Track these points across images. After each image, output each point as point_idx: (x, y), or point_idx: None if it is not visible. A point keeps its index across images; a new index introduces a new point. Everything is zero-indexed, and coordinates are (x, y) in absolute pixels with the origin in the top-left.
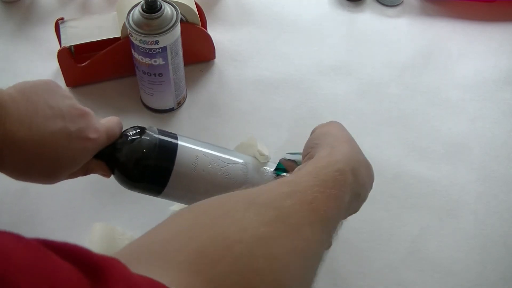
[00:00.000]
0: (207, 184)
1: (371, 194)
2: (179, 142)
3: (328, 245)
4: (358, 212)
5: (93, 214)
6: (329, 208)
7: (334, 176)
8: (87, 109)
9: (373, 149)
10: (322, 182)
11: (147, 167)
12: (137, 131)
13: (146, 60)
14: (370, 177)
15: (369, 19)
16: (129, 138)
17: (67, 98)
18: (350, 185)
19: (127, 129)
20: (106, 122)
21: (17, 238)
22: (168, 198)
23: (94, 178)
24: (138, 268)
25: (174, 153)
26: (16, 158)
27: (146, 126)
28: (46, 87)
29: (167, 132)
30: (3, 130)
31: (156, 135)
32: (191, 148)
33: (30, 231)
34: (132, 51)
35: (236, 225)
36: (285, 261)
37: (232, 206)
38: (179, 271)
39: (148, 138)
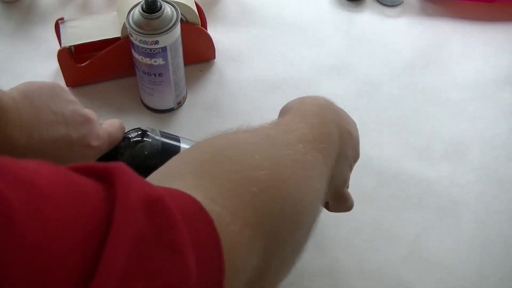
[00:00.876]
0: None
1: (371, 194)
2: (182, 145)
3: (330, 163)
4: (358, 212)
5: None
6: (315, 133)
7: (310, 110)
8: (91, 115)
9: (373, 149)
10: (300, 116)
11: (149, 171)
12: (139, 133)
13: (146, 60)
14: (348, 116)
15: (369, 19)
16: (131, 140)
17: (71, 103)
18: (329, 117)
19: (129, 131)
20: (108, 126)
21: (46, 164)
22: None
23: None
24: None
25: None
26: None
27: (148, 129)
28: (51, 91)
29: (169, 134)
30: (3, 136)
31: (158, 138)
32: None
33: None
34: (132, 51)
35: (227, 140)
36: (281, 162)
37: (222, 134)
38: (184, 179)
39: (150, 141)
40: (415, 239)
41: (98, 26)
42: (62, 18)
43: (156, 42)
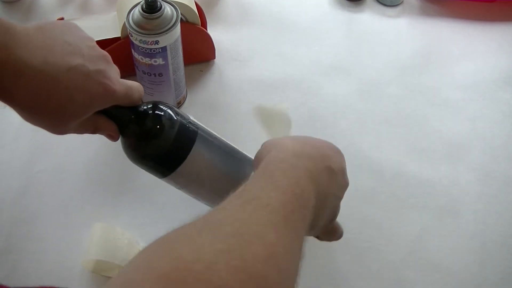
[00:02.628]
0: (216, 179)
1: (371, 194)
2: (199, 132)
3: (305, 234)
4: (358, 212)
5: (93, 214)
6: (287, 202)
7: (278, 167)
8: (109, 55)
9: (373, 149)
10: (269, 179)
11: (163, 148)
12: (164, 107)
13: (146, 60)
14: (326, 146)
15: (369, 19)
16: (153, 112)
17: (88, 39)
18: (300, 168)
19: (151, 102)
20: (128, 81)
21: None
22: (172, 182)
23: (94, 178)
24: None
25: (193, 141)
26: (29, 90)
27: (174, 107)
28: (66, 26)
29: (189, 117)
30: (14, 56)
31: (179, 118)
32: (209, 141)
33: (30, 231)
34: (132, 51)
35: (191, 247)
36: (252, 270)
37: (186, 232)
38: None
39: (173, 119)
40: (415, 239)
41: (98, 26)
42: (62, 18)
43: (156, 42)
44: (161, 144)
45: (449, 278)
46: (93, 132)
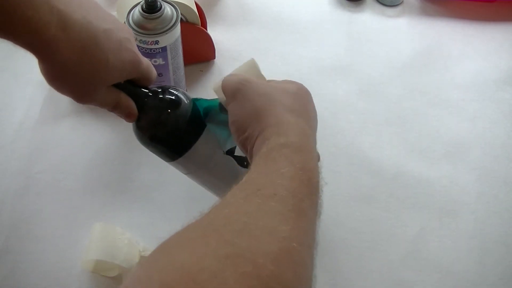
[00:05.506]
0: (224, 164)
1: (371, 194)
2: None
3: (318, 215)
4: (358, 212)
5: (93, 214)
6: (296, 189)
7: (282, 154)
8: (130, 29)
9: (373, 149)
10: (273, 166)
11: (177, 128)
12: (177, 91)
13: None
14: (308, 99)
15: (369, 19)
16: (168, 93)
17: (111, 14)
18: (305, 149)
19: (162, 86)
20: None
21: None
22: (181, 167)
23: (94, 178)
24: None
25: (205, 124)
26: (74, 44)
27: (185, 92)
28: (91, 1)
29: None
30: (57, 10)
31: (192, 101)
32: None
33: (30, 231)
34: None
35: (195, 254)
36: (264, 273)
37: (190, 235)
38: None
39: (187, 101)
40: (415, 239)
41: None
42: None
43: (156, 42)
44: (175, 124)
45: (449, 278)
46: (113, 108)
